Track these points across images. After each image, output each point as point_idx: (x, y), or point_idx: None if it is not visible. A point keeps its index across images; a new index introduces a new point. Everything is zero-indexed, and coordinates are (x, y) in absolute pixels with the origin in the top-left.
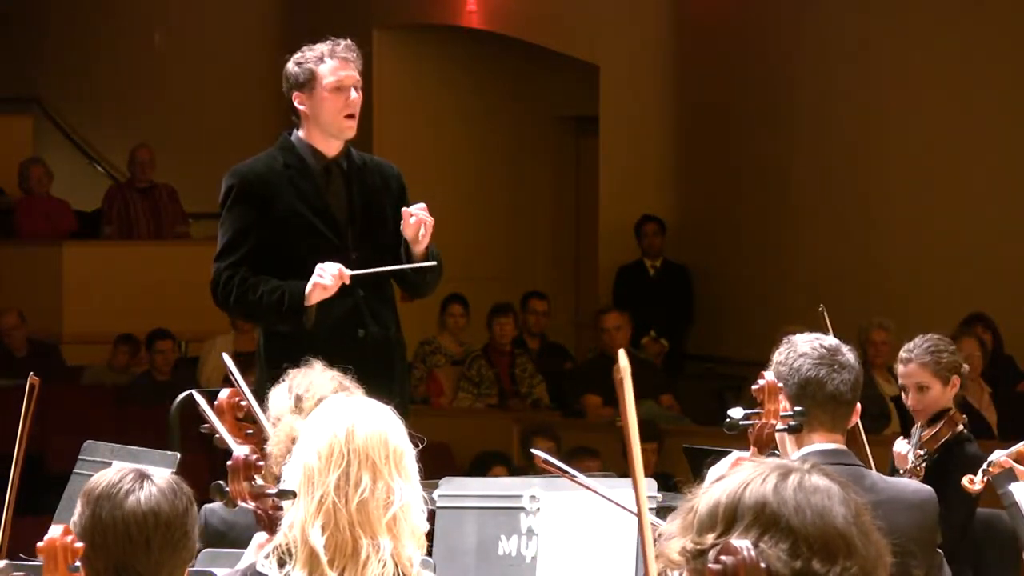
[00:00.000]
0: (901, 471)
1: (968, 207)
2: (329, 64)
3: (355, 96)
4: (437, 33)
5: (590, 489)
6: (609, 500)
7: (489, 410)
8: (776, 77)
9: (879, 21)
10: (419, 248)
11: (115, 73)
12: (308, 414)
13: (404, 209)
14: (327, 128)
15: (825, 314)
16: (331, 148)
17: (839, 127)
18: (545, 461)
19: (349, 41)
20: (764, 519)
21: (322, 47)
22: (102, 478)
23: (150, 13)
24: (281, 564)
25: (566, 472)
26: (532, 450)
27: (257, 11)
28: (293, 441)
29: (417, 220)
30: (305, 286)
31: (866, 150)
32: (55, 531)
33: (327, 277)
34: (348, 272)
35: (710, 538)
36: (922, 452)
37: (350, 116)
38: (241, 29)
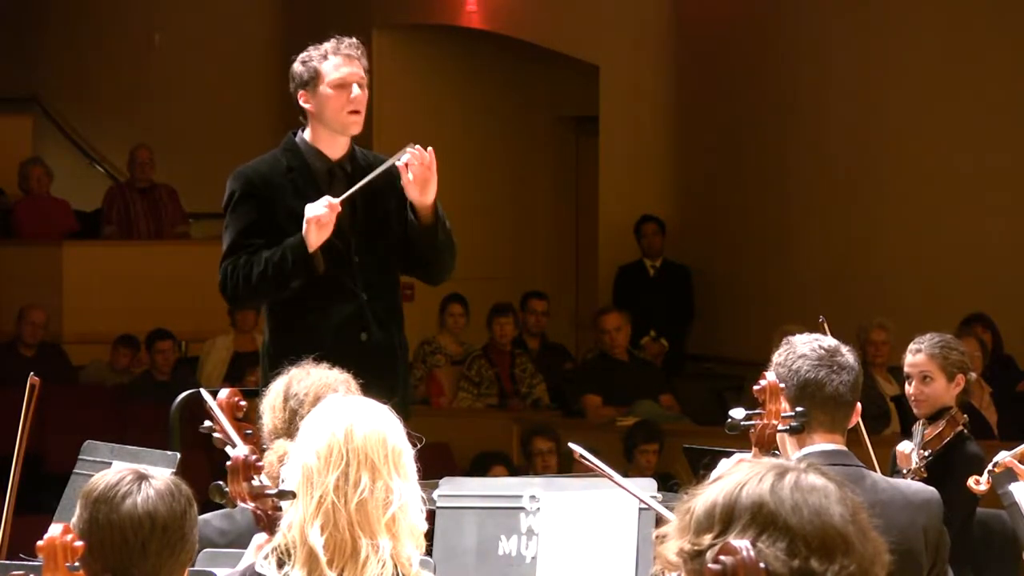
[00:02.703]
0: (904, 471)
1: (968, 207)
2: (332, 61)
3: (359, 92)
4: (437, 33)
5: (626, 490)
6: (641, 499)
7: (489, 410)
8: (775, 77)
9: (879, 20)
10: (427, 200)
11: (115, 73)
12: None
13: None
14: (331, 125)
15: (826, 325)
16: (336, 150)
17: (838, 127)
18: (582, 456)
19: (354, 39)
20: (761, 519)
21: (326, 45)
22: (100, 480)
23: (150, 13)
24: (280, 564)
25: (604, 471)
26: (570, 444)
27: (257, 11)
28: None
29: (415, 173)
30: (300, 235)
31: (866, 149)
32: (55, 530)
33: (320, 209)
34: (335, 200)
35: (707, 539)
36: (926, 452)
37: (354, 112)
38: (241, 29)
